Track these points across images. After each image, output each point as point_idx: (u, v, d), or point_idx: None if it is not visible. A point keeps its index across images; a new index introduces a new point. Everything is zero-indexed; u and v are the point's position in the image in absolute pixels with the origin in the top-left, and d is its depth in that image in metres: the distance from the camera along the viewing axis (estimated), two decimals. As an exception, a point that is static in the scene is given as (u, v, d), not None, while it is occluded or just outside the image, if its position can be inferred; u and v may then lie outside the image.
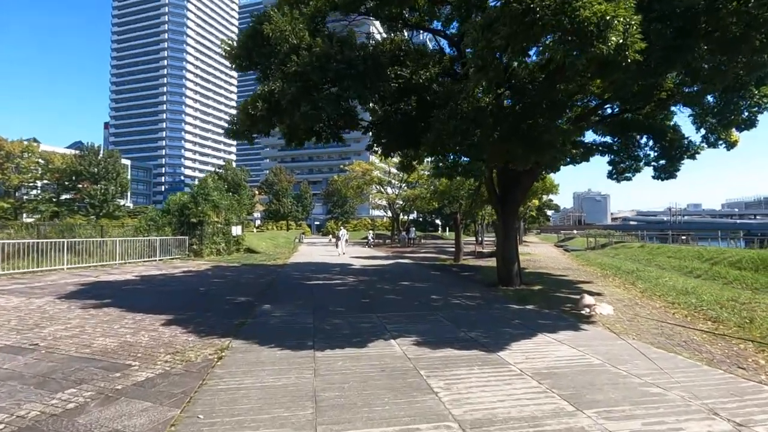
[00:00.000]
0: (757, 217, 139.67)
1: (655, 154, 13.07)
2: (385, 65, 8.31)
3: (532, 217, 42.43)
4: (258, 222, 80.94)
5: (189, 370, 4.96)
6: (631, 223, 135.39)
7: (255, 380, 4.66)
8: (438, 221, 76.61)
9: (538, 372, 4.96)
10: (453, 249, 29.39)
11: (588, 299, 8.61)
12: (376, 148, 10.55)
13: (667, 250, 20.88)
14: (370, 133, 11.05)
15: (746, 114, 8.98)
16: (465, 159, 16.41)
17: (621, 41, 5.58)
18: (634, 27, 5.68)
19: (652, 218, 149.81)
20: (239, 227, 25.43)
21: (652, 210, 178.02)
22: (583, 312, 8.53)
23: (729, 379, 4.80)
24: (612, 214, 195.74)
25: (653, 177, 13.09)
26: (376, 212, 69.81)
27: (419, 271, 16.87)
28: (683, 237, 44.82)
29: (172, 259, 20.40)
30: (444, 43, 11.81)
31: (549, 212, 65.58)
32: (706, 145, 11.25)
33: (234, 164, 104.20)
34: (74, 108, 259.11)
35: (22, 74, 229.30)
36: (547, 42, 5.32)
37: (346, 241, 29.04)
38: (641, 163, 14.44)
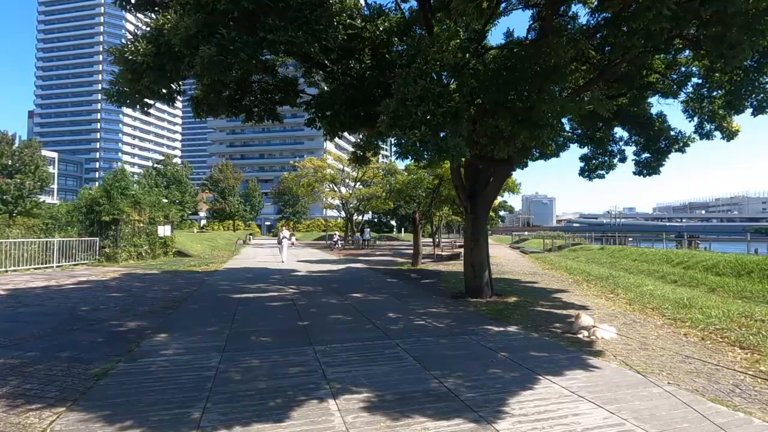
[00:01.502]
0: (683, 220, 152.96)
1: (637, 147, 11.75)
2: (332, 10, 6.07)
3: (489, 218, 41.60)
4: (203, 222, 75.46)
5: None
6: (575, 225, 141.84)
7: None
8: (393, 222, 75.09)
9: (575, 474, 2.94)
10: (410, 251, 27.52)
11: (586, 319, 6.84)
12: (319, 124, 8.25)
13: (629, 253, 20.15)
14: (314, 110, 8.72)
15: (761, 96, 7.62)
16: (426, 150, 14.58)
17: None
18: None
19: (593, 220, 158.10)
20: (168, 227, 22.03)
21: (593, 213, 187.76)
22: (580, 336, 6.73)
23: None
24: (557, 216, 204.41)
25: (634, 173, 11.77)
26: (331, 212, 67.08)
27: (374, 279, 14.72)
28: (630, 239, 46.06)
29: (76, 265, 16.89)
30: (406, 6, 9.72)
31: (502, 213, 65.70)
32: (698, 137, 9.98)
33: (178, 160, 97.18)
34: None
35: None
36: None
37: (293, 243, 26.28)
38: (615, 159, 13.21)
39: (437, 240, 36.13)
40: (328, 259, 23.65)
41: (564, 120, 12.52)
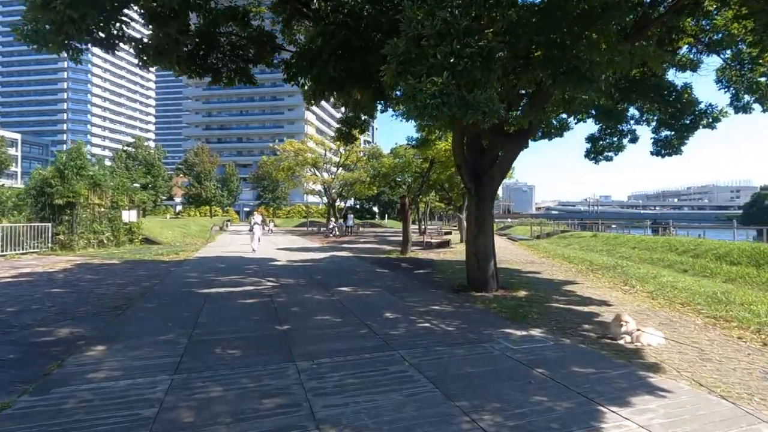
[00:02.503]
0: (657, 208, 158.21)
1: (654, 125, 10.64)
2: None
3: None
4: (179, 207, 72.39)
5: None
6: (554, 212, 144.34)
7: None
8: (375, 209, 73.70)
9: None
10: (395, 238, 26.28)
11: (629, 323, 5.67)
12: (302, 80, 6.74)
13: (626, 240, 19.38)
14: (294, 68, 7.18)
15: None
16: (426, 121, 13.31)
17: None
18: None
19: (571, 208, 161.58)
20: (133, 212, 20.13)
21: (571, 201, 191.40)
22: (620, 342, 5.58)
23: None
24: (536, 204, 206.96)
25: (652, 153, 10.69)
26: (312, 198, 65.10)
27: (362, 269, 13.38)
28: (613, 225, 46.04)
29: (25, 254, 14.96)
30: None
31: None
32: (732, 110, 8.89)
33: (152, 143, 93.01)
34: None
35: None
36: None
37: (271, 230, 24.62)
38: (626, 140, 12.14)
39: (423, 227, 35.08)
40: (310, 247, 22.19)
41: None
